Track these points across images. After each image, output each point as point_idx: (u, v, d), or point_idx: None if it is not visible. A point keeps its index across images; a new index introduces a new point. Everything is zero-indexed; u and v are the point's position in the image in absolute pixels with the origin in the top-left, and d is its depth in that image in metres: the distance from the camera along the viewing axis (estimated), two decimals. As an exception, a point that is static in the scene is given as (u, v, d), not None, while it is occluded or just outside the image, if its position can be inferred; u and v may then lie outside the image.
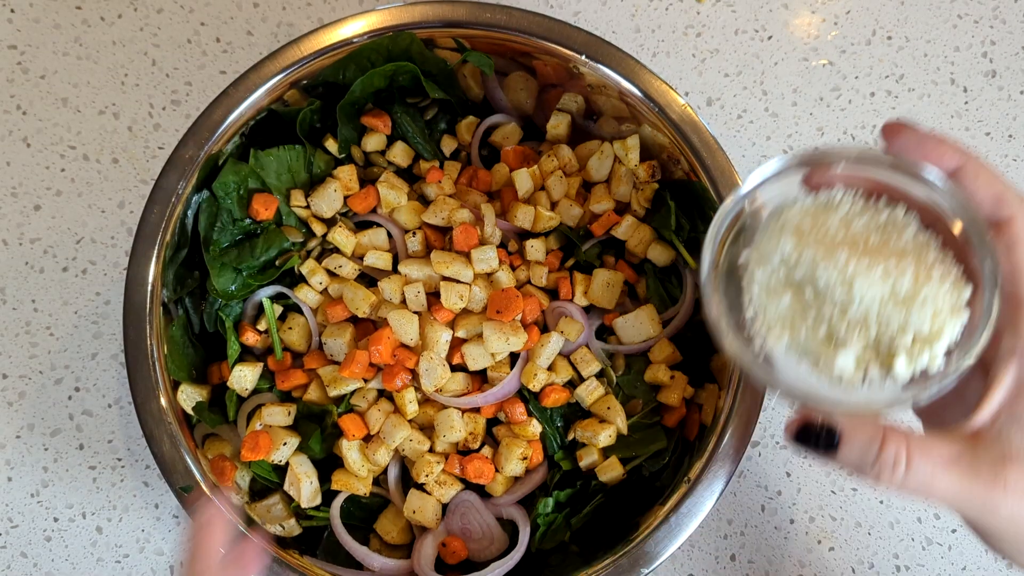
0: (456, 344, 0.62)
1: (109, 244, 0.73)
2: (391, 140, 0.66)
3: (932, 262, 0.37)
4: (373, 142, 0.65)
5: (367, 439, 0.62)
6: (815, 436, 0.38)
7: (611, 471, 0.61)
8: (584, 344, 0.63)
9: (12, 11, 0.76)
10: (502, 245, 0.65)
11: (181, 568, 0.66)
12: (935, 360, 0.37)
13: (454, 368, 0.62)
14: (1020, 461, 0.36)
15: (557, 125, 0.68)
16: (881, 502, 0.71)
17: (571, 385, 0.63)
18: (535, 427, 0.62)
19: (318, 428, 0.61)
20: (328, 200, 0.63)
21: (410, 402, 0.61)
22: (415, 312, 0.61)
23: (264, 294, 0.63)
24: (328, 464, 0.63)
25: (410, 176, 0.68)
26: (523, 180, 0.64)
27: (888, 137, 0.39)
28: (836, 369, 0.37)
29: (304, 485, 0.60)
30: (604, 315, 0.65)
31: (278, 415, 0.61)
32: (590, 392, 0.62)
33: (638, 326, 0.63)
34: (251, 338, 0.63)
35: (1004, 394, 0.37)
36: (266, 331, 0.63)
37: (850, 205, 0.39)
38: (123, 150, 0.75)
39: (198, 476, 0.57)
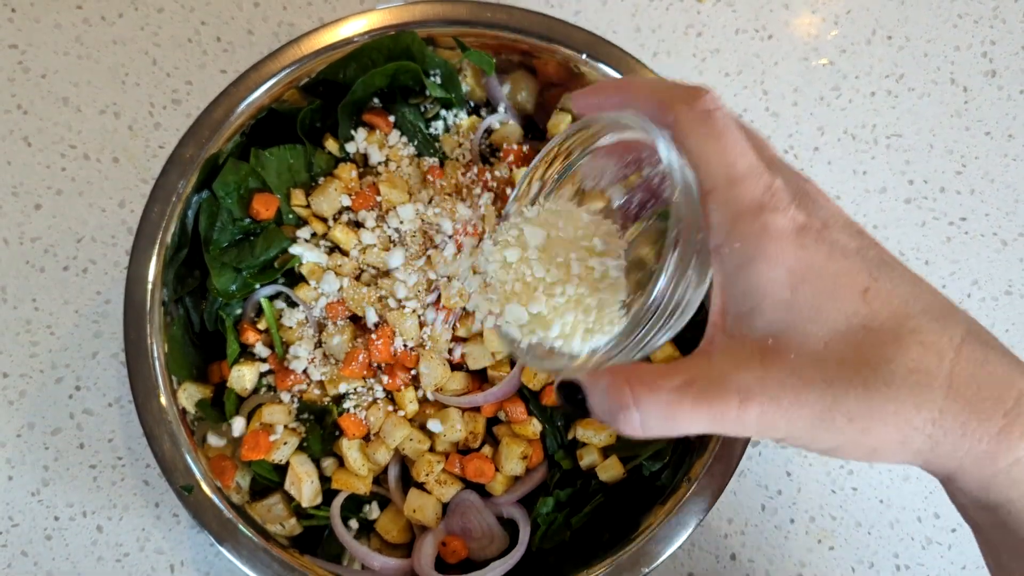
0: (456, 343, 0.62)
1: (110, 243, 0.73)
2: (392, 139, 0.66)
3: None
4: (374, 140, 0.65)
5: (367, 438, 0.62)
6: (570, 396, 0.35)
7: (611, 470, 0.61)
8: (584, 343, 0.63)
9: (13, 10, 0.76)
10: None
11: None
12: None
13: (454, 367, 0.62)
14: (748, 363, 0.32)
15: (558, 125, 0.67)
16: (881, 501, 0.71)
17: (571, 384, 0.63)
18: (535, 426, 0.62)
19: (318, 427, 0.61)
20: (329, 199, 0.63)
21: (410, 401, 0.61)
22: (415, 311, 0.61)
23: (264, 294, 0.63)
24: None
25: (411, 175, 0.68)
26: (523, 179, 0.64)
27: (577, 108, 0.39)
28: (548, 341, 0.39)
29: (305, 484, 0.60)
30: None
31: (278, 414, 0.61)
32: (590, 391, 0.62)
33: (638, 325, 0.63)
34: (251, 337, 0.63)
35: (718, 301, 0.34)
36: (266, 330, 0.63)
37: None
38: (124, 149, 0.75)
39: (198, 475, 0.57)
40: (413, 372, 0.61)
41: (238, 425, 0.61)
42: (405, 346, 0.61)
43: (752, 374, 0.32)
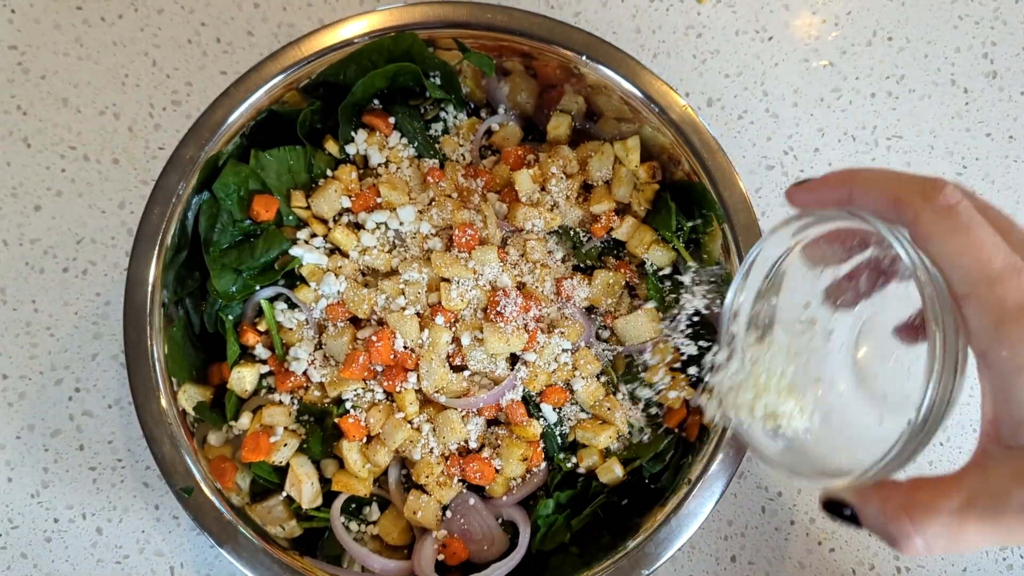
0: (456, 345, 0.62)
1: (109, 245, 0.73)
2: (392, 141, 0.66)
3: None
4: (374, 142, 0.65)
5: (367, 440, 0.62)
6: (837, 512, 0.36)
7: (611, 472, 0.61)
8: (584, 345, 0.63)
9: (12, 11, 0.76)
10: (503, 246, 0.65)
11: None
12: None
13: (454, 369, 0.62)
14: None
15: (558, 126, 0.67)
16: (882, 503, 0.71)
17: (571, 386, 0.63)
18: (535, 428, 0.62)
19: (318, 429, 0.61)
20: (329, 201, 0.63)
21: (410, 403, 0.60)
22: (415, 313, 0.61)
23: (264, 295, 0.63)
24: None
25: (411, 176, 0.68)
26: (524, 181, 0.64)
27: (796, 204, 0.39)
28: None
29: (305, 486, 0.60)
30: (604, 316, 0.65)
31: (278, 416, 0.61)
32: (590, 393, 0.62)
33: (638, 327, 0.63)
34: (252, 339, 0.63)
35: (989, 409, 0.34)
36: (267, 332, 0.63)
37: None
38: (123, 150, 0.75)
39: (198, 477, 0.57)
40: (413, 373, 0.61)
41: (244, 421, 0.61)
42: (405, 347, 0.61)
43: None
